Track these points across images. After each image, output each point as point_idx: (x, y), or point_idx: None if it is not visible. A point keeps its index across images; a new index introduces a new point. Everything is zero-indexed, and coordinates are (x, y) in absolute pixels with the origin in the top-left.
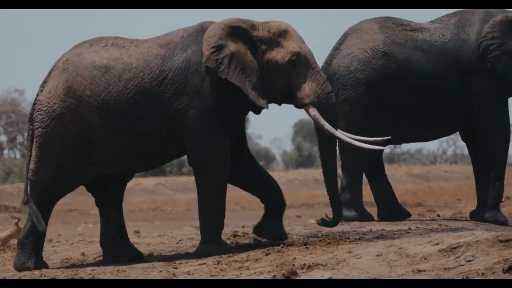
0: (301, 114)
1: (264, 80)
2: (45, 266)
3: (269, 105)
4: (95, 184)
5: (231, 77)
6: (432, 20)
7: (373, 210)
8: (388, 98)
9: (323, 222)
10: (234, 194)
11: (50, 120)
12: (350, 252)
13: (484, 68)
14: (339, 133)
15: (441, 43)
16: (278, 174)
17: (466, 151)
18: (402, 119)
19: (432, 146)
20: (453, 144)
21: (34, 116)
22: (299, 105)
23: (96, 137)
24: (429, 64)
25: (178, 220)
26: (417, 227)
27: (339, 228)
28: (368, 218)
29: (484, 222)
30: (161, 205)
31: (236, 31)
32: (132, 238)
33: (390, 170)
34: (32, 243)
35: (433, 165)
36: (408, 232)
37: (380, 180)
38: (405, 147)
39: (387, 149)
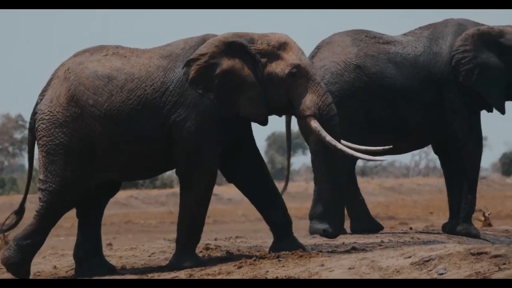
0: (274, 127)
1: (265, 93)
2: (28, 275)
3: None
4: None
5: (222, 95)
6: (405, 33)
7: (345, 223)
8: (360, 111)
9: (325, 233)
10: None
11: (54, 129)
12: (323, 265)
13: (456, 81)
14: (341, 145)
15: (414, 56)
16: None
17: (438, 164)
18: (374, 132)
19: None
20: (426, 156)
21: (36, 125)
22: (300, 117)
23: (100, 146)
24: (401, 76)
25: (150, 233)
26: (389, 240)
27: (311, 241)
28: (341, 231)
29: (456, 235)
30: (134, 218)
31: (231, 47)
32: (105, 251)
33: (362, 183)
34: (28, 246)
35: (405, 178)
36: (380, 245)
37: (353, 193)
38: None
39: (360, 161)
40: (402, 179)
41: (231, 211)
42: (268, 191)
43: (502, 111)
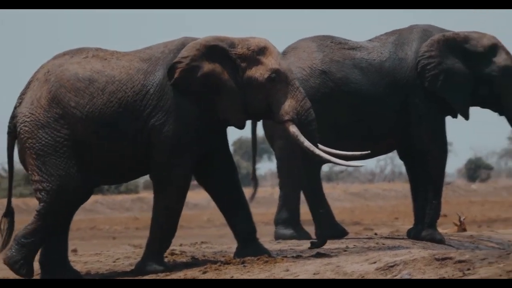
0: (240, 132)
1: (244, 98)
2: (32, 274)
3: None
4: None
5: (203, 98)
6: (370, 38)
7: (310, 229)
8: (326, 117)
9: (313, 245)
10: None
11: (37, 130)
12: (288, 270)
13: (421, 86)
14: (319, 150)
15: (379, 62)
16: None
17: (403, 169)
18: (340, 137)
19: (369, 164)
20: (391, 162)
21: (18, 129)
22: (278, 122)
23: (84, 147)
24: (367, 82)
25: (115, 239)
26: (354, 245)
27: (276, 246)
28: (305, 236)
29: (421, 240)
30: (99, 223)
31: (212, 51)
32: (69, 257)
33: (328, 189)
34: (29, 244)
35: (371, 184)
36: (345, 251)
37: (318, 198)
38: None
39: (325, 167)
40: (368, 184)
41: (196, 217)
42: (236, 198)
43: (466, 117)
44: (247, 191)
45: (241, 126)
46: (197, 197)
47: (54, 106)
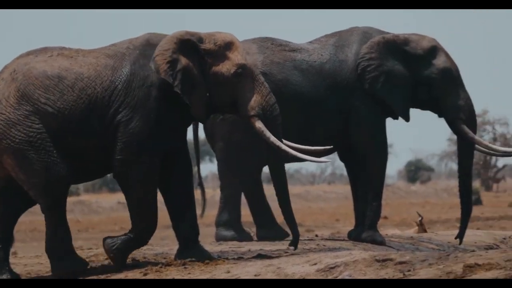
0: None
1: (209, 93)
2: (17, 275)
3: None
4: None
5: (182, 92)
6: (311, 40)
7: (251, 230)
8: None
9: (290, 244)
10: (114, 215)
11: (9, 129)
12: (229, 272)
13: (361, 88)
14: (284, 146)
15: (320, 63)
16: (158, 195)
17: (344, 171)
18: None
19: (310, 166)
20: (332, 164)
21: None
22: (244, 117)
23: (57, 141)
24: (307, 84)
25: None
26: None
27: (217, 248)
28: (246, 238)
29: (362, 242)
30: (39, 226)
31: (187, 45)
32: (10, 259)
33: (269, 190)
34: (61, 241)
35: (312, 185)
36: (286, 252)
37: (259, 200)
38: (285, 167)
39: (266, 169)
40: (309, 186)
41: None
42: (186, 199)
43: (407, 119)
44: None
45: (204, 121)
46: None
47: (24, 103)
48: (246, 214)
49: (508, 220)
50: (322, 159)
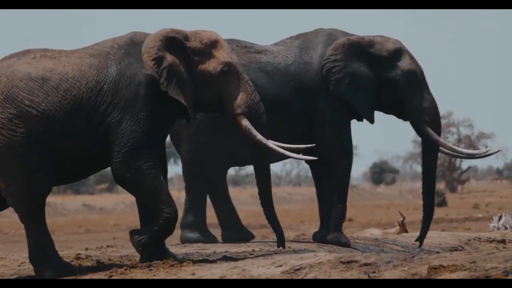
0: None
1: (197, 91)
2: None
3: None
4: None
5: (169, 89)
6: (276, 42)
7: (217, 232)
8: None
9: (278, 245)
10: (79, 217)
11: None
12: (194, 274)
13: (326, 90)
14: (271, 143)
15: (285, 65)
16: (123, 197)
17: (309, 173)
18: (246, 141)
19: (276, 168)
20: (297, 166)
21: None
22: (230, 115)
23: (41, 144)
24: (272, 86)
25: (20, 243)
26: (260, 248)
27: (182, 250)
28: (212, 240)
29: (327, 243)
30: (4, 228)
31: (172, 42)
32: None
33: (234, 192)
34: (44, 249)
35: (277, 187)
36: (251, 254)
37: (224, 202)
38: (250, 169)
39: (232, 170)
40: (274, 188)
41: (102, 221)
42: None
43: (371, 121)
44: None
45: (193, 119)
46: (103, 201)
47: (8, 106)
48: (211, 215)
49: (473, 221)
50: (308, 157)
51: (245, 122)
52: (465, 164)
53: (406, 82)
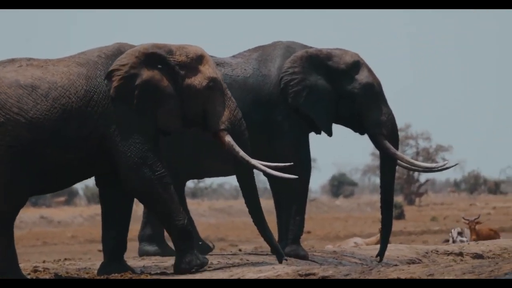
0: None
1: (182, 104)
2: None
3: None
4: None
5: (143, 105)
6: (234, 54)
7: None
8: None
9: (280, 259)
10: (36, 230)
11: None
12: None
13: (285, 103)
14: (254, 161)
15: (243, 78)
16: (80, 209)
17: (268, 185)
18: (204, 153)
19: (234, 180)
20: (255, 178)
21: None
22: (213, 130)
23: (28, 152)
24: None
25: None
26: (218, 261)
27: (140, 263)
28: (170, 252)
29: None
30: None
31: (151, 58)
32: None
33: (193, 205)
34: (6, 261)
35: (235, 200)
36: (209, 267)
37: None
38: (209, 181)
39: (191, 183)
40: (232, 201)
41: (60, 233)
42: (123, 213)
43: (329, 133)
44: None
45: (179, 132)
46: (61, 214)
47: None
48: None
49: (430, 234)
50: (290, 175)
51: (228, 138)
52: (423, 177)
53: (363, 95)
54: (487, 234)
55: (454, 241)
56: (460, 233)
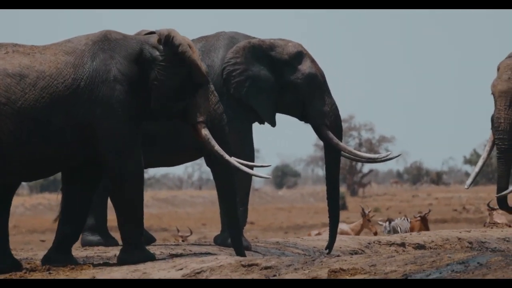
0: None
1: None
2: None
3: None
4: None
5: (139, 88)
6: None
7: (118, 235)
8: None
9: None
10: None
11: None
12: (94, 277)
13: (227, 93)
14: (228, 156)
15: None
16: (22, 199)
17: (211, 176)
18: (147, 144)
19: (178, 171)
20: (199, 169)
21: None
22: (191, 122)
23: (9, 144)
24: None
25: None
26: (161, 252)
27: (82, 253)
28: (112, 243)
29: (228, 247)
30: None
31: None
32: None
33: None
34: None
35: (179, 190)
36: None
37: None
38: (152, 171)
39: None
40: (176, 191)
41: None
42: (84, 203)
43: (273, 124)
44: (53, 197)
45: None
46: None
47: None
48: (112, 218)
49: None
50: (265, 174)
51: (205, 131)
52: (366, 167)
53: (306, 86)
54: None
55: (388, 231)
56: (390, 222)
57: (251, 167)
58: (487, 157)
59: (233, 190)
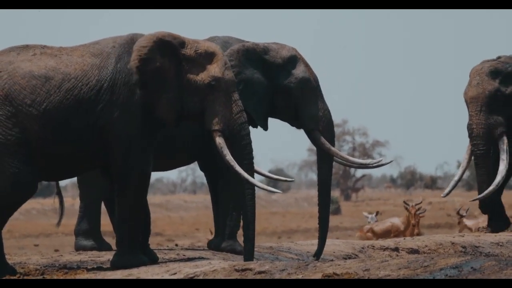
0: None
1: (181, 98)
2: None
3: None
4: None
5: (146, 91)
6: None
7: (111, 240)
8: None
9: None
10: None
11: None
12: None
13: None
14: (238, 167)
15: None
16: None
17: (205, 181)
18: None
19: (171, 175)
20: (192, 173)
21: None
22: (207, 129)
23: (37, 144)
24: None
25: None
26: None
27: (76, 257)
28: (106, 247)
29: (222, 251)
30: None
31: (166, 46)
32: None
33: None
34: None
35: (172, 195)
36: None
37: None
38: None
39: None
40: (170, 195)
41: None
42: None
43: (265, 128)
44: (47, 202)
45: (170, 125)
46: None
47: (7, 104)
48: (106, 223)
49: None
50: (274, 189)
51: (219, 140)
52: (360, 172)
53: (300, 90)
54: (382, 233)
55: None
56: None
57: (266, 181)
58: (467, 165)
59: (227, 194)
